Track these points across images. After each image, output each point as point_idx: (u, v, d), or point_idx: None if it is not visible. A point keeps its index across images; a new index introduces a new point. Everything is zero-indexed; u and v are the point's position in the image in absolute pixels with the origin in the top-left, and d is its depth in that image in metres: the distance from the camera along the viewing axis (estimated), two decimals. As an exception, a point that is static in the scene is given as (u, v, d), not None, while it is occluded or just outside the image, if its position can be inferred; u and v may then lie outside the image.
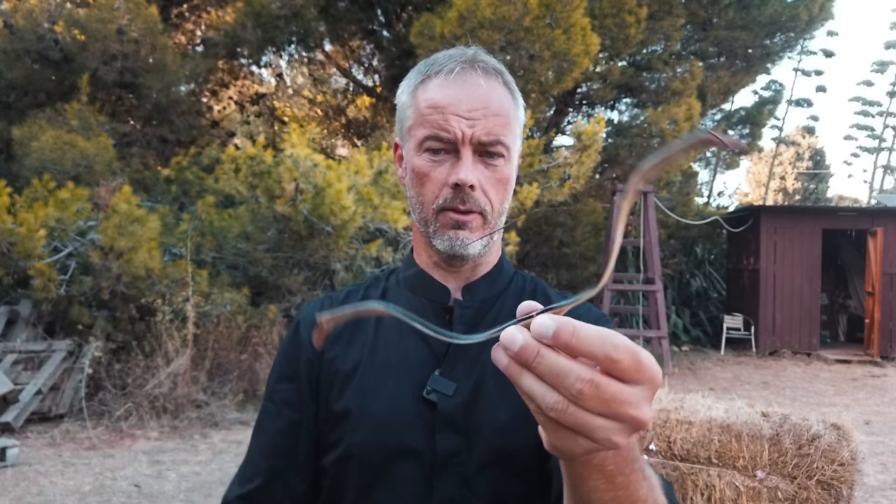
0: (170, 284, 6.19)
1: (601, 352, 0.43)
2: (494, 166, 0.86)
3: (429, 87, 0.86)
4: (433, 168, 0.85)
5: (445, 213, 0.85)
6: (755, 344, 10.84)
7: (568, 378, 0.43)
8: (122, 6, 8.24)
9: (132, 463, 4.84)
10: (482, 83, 0.84)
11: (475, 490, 0.81)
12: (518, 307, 0.49)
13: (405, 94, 0.90)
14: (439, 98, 0.84)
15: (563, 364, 0.43)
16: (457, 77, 0.85)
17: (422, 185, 0.87)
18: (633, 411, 0.44)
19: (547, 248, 11.03)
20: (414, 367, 0.86)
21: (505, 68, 0.91)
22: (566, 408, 0.44)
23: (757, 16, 10.89)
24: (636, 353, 0.44)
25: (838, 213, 11.72)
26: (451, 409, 0.83)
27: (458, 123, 0.83)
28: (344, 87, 14.06)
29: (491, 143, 0.84)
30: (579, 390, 0.43)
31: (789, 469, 2.81)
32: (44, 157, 7.28)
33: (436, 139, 0.84)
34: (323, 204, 6.13)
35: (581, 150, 8.33)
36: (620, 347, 0.43)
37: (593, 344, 0.43)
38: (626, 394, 0.44)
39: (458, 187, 0.83)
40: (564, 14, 7.74)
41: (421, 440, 0.82)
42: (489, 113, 0.83)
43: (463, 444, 0.82)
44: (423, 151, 0.86)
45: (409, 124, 0.88)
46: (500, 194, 0.87)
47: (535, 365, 0.44)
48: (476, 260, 0.90)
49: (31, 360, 6.00)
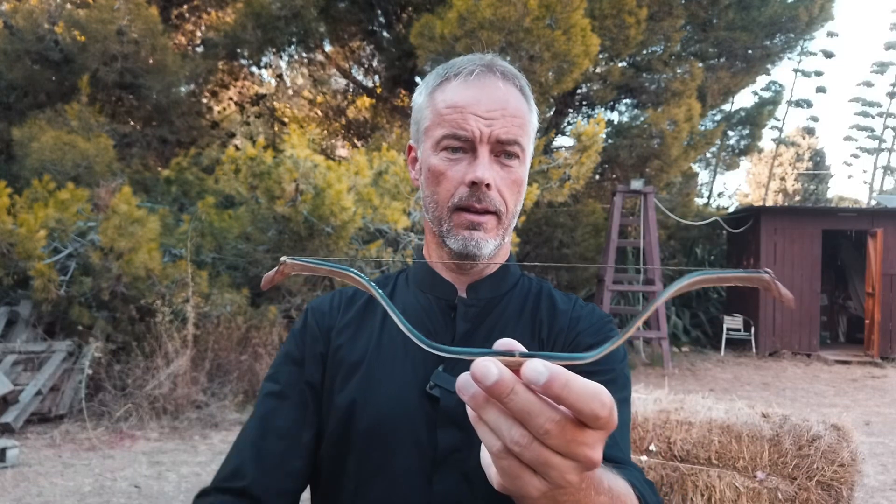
0: (170, 285, 6.19)
1: (587, 408, 0.42)
2: (510, 167, 0.87)
3: (447, 88, 0.88)
4: (450, 166, 0.86)
5: (460, 212, 0.86)
6: (755, 345, 10.84)
7: (538, 418, 0.43)
8: (122, 7, 8.25)
9: (132, 464, 4.84)
10: (500, 85, 0.86)
11: (474, 485, 0.81)
12: (497, 342, 0.47)
13: (422, 96, 0.91)
14: (458, 99, 0.86)
15: (535, 404, 0.43)
16: (476, 79, 0.86)
17: (437, 183, 0.88)
18: (591, 452, 0.44)
19: (547, 248, 11.03)
20: (418, 361, 0.87)
21: (521, 74, 0.92)
22: (529, 444, 0.43)
23: (757, 16, 10.89)
24: (613, 408, 0.43)
25: (838, 214, 11.72)
26: (454, 405, 0.83)
27: (477, 123, 0.84)
28: (344, 88, 14.07)
29: (509, 143, 0.85)
30: (547, 430, 0.43)
31: (789, 470, 2.81)
32: (44, 157, 7.28)
33: (454, 138, 0.85)
34: (323, 205, 6.13)
35: (581, 151, 8.33)
36: (606, 405, 0.43)
37: (582, 401, 0.42)
38: (587, 437, 0.44)
39: (474, 185, 0.84)
40: (564, 15, 7.75)
41: (423, 434, 0.83)
42: (507, 114, 0.85)
43: (464, 440, 0.82)
44: (440, 150, 0.87)
45: (427, 125, 0.89)
46: (515, 195, 0.88)
47: (507, 401, 0.43)
48: (486, 260, 0.91)
49: (31, 360, 5.99)
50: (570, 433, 0.43)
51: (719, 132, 12.84)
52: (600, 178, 11.44)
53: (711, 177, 19.34)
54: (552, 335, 0.91)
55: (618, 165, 10.93)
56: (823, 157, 30.74)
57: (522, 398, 0.43)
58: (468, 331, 0.90)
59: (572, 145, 8.85)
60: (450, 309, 0.91)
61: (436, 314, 0.91)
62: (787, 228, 10.90)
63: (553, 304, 0.95)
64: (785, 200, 28.79)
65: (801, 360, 10.49)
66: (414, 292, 0.94)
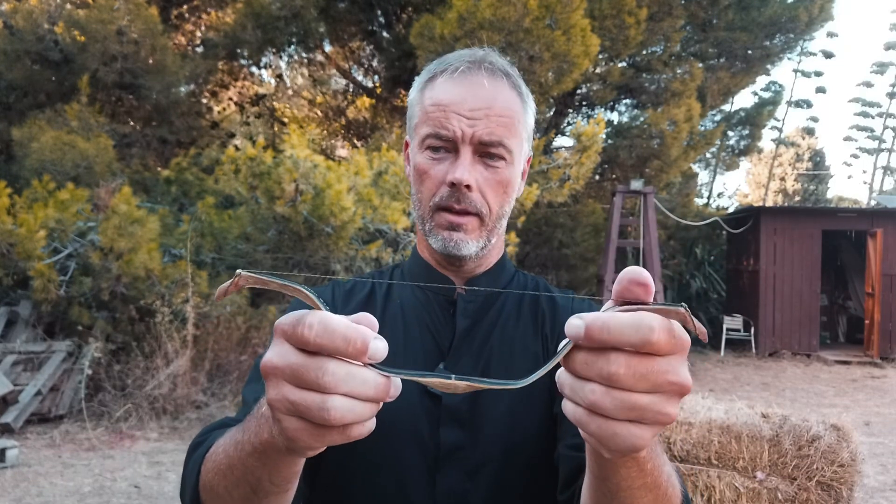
0: (169, 285, 6.19)
1: (636, 338, 0.42)
2: (495, 168, 0.85)
3: (435, 85, 0.86)
4: (432, 166, 0.85)
5: (441, 212, 0.85)
6: (755, 345, 10.83)
7: (602, 367, 0.43)
8: (121, 7, 8.25)
9: (132, 464, 4.83)
10: (486, 83, 0.84)
11: (478, 483, 0.81)
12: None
13: (414, 92, 0.90)
14: (443, 96, 0.84)
15: (591, 356, 0.44)
16: (461, 76, 0.85)
17: (421, 182, 0.87)
18: (672, 377, 0.44)
19: (547, 248, 11.03)
20: (419, 358, 0.86)
21: (515, 70, 0.90)
22: (606, 394, 0.43)
23: (756, 17, 10.89)
24: (664, 328, 0.43)
25: (838, 215, 11.72)
26: (456, 403, 0.83)
27: (459, 122, 0.82)
28: (344, 88, 14.06)
29: (492, 144, 0.83)
30: (614, 374, 0.43)
31: (789, 470, 2.81)
32: (44, 157, 7.28)
33: (436, 137, 0.84)
34: (323, 205, 6.13)
35: (581, 151, 8.33)
36: (655, 328, 0.42)
37: (626, 334, 0.42)
38: (659, 364, 0.43)
39: (454, 186, 0.83)
40: (564, 15, 7.74)
41: (426, 432, 0.83)
42: (492, 113, 0.83)
43: (467, 438, 0.82)
44: (424, 149, 0.86)
45: (416, 122, 0.88)
46: (500, 197, 0.86)
47: (571, 368, 0.45)
48: (475, 260, 0.90)
49: (31, 360, 5.99)
50: (641, 368, 0.43)
51: (719, 132, 12.85)
52: (600, 178, 11.44)
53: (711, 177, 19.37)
54: (556, 328, 0.91)
55: (618, 166, 10.93)
56: (823, 158, 30.74)
57: (580, 357, 0.44)
58: (468, 327, 0.89)
59: (572, 145, 8.85)
60: (449, 304, 0.91)
61: (435, 310, 0.91)
62: (786, 228, 10.90)
63: (552, 299, 0.95)
64: (785, 201, 28.79)
65: (800, 360, 10.48)
66: (412, 288, 0.94)
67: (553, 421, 0.85)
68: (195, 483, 0.66)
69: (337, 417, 0.43)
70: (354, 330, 0.43)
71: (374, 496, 0.83)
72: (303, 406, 0.43)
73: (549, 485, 0.83)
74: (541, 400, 0.85)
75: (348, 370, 0.43)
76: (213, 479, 0.62)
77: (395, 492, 0.82)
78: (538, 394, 0.85)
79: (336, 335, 0.43)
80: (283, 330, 0.45)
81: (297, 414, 0.44)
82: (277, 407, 0.45)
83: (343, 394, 0.43)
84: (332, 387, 0.43)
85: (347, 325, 0.43)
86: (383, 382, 0.45)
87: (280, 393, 0.45)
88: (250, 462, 0.55)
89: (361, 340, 0.43)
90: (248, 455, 0.56)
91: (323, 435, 0.45)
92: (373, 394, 0.44)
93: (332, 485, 0.87)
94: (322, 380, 0.42)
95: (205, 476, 0.64)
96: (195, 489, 0.66)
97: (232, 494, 0.60)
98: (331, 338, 0.42)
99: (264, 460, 0.54)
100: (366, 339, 0.43)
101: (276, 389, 0.45)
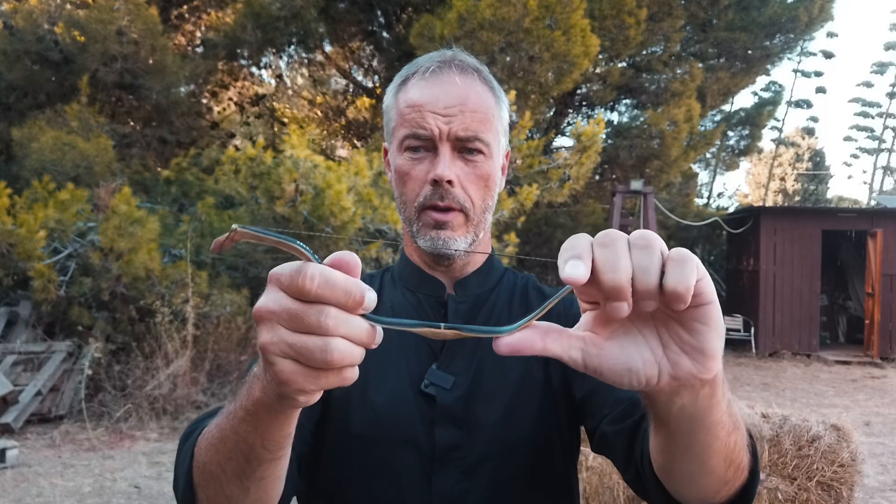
0: (169, 286, 6.19)
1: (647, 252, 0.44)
2: (474, 162, 0.86)
3: (408, 87, 0.88)
4: (413, 166, 0.86)
5: (427, 211, 0.86)
6: (755, 345, 10.83)
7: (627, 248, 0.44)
8: (121, 7, 8.25)
9: (132, 464, 4.83)
10: (458, 81, 0.85)
11: (474, 482, 0.81)
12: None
13: (389, 97, 0.92)
14: (417, 97, 0.85)
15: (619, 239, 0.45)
16: (432, 76, 0.86)
17: (404, 183, 0.88)
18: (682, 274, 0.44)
19: (547, 249, 11.03)
20: (412, 359, 0.87)
21: (485, 67, 0.92)
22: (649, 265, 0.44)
23: (756, 17, 10.90)
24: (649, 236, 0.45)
25: (838, 215, 11.72)
26: (451, 403, 0.83)
27: (435, 120, 0.84)
28: (344, 89, 14.06)
29: (469, 139, 0.85)
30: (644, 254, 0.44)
31: (789, 470, 2.81)
32: (44, 158, 7.28)
33: (414, 137, 0.85)
34: (323, 205, 6.13)
35: (581, 152, 8.33)
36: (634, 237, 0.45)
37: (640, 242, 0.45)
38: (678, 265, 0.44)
39: (436, 184, 0.84)
40: (564, 15, 7.75)
41: (421, 433, 0.83)
42: (466, 109, 0.84)
43: (463, 438, 0.82)
44: (403, 150, 0.87)
45: (392, 126, 0.90)
46: (481, 190, 0.87)
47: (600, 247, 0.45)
48: (464, 258, 0.91)
49: (31, 361, 5.99)
50: (654, 259, 0.43)
51: (719, 132, 12.86)
52: (600, 178, 11.44)
53: (711, 177, 19.39)
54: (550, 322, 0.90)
55: (618, 166, 10.94)
56: (823, 158, 30.74)
57: (609, 235, 0.45)
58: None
59: (572, 146, 8.85)
60: (440, 306, 0.91)
61: (426, 312, 0.91)
62: (786, 229, 10.89)
63: (542, 295, 0.95)
64: (785, 201, 28.79)
65: (800, 360, 10.48)
66: (402, 290, 0.94)
67: (550, 421, 0.85)
68: (188, 468, 0.66)
69: (339, 358, 0.44)
70: (354, 283, 0.45)
71: (370, 498, 0.83)
72: (304, 349, 0.45)
73: (546, 483, 0.83)
74: (536, 399, 0.85)
75: (345, 315, 0.45)
76: (206, 457, 0.62)
77: (391, 494, 0.82)
78: (534, 393, 0.85)
79: (338, 287, 0.44)
80: (278, 279, 0.46)
81: (293, 356, 0.45)
82: (272, 350, 0.46)
83: (342, 336, 0.45)
84: (333, 329, 0.44)
85: (347, 278, 0.45)
86: (372, 329, 0.46)
87: (276, 336, 0.45)
88: (243, 428, 0.56)
89: (360, 293, 0.44)
90: (240, 421, 0.56)
91: (318, 377, 0.46)
92: (365, 339, 0.46)
93: (329, 487, 0.87)
94: (325, 323, 0.44)
95: (198, 457, 0.64)
96: (188, 475, 0.66)
97: (225, 470, 0.60)
98: (332, 289, 0.44)
99: (256, 423, 0.55)
100: (363, 291, 0.45)
101: (271, 333, 0.46)
